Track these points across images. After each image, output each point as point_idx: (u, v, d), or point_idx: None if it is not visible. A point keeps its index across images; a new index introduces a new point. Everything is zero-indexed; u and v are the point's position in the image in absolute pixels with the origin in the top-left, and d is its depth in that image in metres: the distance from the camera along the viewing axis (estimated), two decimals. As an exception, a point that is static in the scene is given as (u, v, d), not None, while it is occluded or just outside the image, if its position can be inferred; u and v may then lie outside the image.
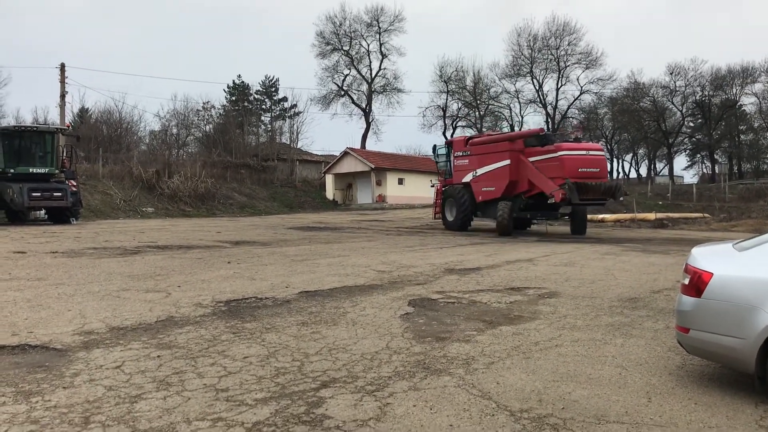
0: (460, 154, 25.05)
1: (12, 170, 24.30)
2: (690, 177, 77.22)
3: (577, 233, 23.64)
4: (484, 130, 64.09)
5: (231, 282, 9.47)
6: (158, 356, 5.32)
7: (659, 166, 79.22)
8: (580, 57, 61.65)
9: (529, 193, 22.30)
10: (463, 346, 5.85)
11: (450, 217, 25.20)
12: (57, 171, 25.85)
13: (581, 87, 62.85)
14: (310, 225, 26.49)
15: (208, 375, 4.83)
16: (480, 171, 23.80)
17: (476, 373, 5.02)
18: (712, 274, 4.56)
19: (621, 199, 24.00)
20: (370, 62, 65.65)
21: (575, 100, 63.97)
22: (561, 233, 24.05)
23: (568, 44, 61.57)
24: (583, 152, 21.75)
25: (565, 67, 62.32)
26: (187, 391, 4.45)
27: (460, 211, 24.39)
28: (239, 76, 77.63)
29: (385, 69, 65.84)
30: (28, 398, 4.24)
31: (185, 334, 6.14)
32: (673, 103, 64.25)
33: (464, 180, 24.51)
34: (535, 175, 21.62)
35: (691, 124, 68.06)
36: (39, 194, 24.24)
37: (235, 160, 50.61)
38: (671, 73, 62.06)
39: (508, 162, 22.34)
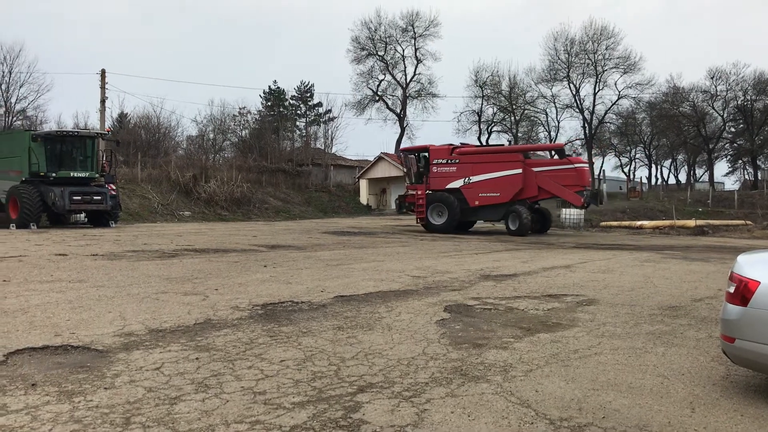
0: (443, 162, 26.41)
1: (54, 174, 24.82)
2: (731, 183, 75.38)
3: (540, 233, 26.30)
4: (519, 135, 63.72)
5: (267, 285, 9.54)
6: (197, 358, 5.38)
7: (699, 172, 77.71)
8: (618, 61, 60.63)
9: (536, 198, 25.36)
10: (500, 353, 5.79)
11: (436, 222, 26.08)
12: (97, 175, 26.37)
13: (619, 92, 61.84)
14: (345, 229, 26.57)
15: (245, 378, 4.86)
16: (475, 178, 25.59)
17: (514, 380, 4.96)
18: (759, 282, 4.42)
19: (601, 204, 27.85)
20: (405, 67, 65.54)
21: (613, 104, 63.00)
22: (597, 239, 23.77)
23: (606, 49, 60.65)
24: (586, 165, 25.88)
25: (603, 71, 61.31)
26: (225, 393, 4.48)
27: (453, 214, 25.63)
28: (275, 81, 78.17)
29: (419, 74, 65.63)
30: (71, 398, 4.31)
31: (223, 336, 6.20)
32: (713, 108, 62.84)
33: (450, 186, 25.95)
34: (550, 183, 24.50)
35: (733, 130, 66.43)
36: (80, 198, 24.73)
37: (271, 165, 51.16)
38: (712, 78, 60.72)
39: (520, 171, 24.82)
